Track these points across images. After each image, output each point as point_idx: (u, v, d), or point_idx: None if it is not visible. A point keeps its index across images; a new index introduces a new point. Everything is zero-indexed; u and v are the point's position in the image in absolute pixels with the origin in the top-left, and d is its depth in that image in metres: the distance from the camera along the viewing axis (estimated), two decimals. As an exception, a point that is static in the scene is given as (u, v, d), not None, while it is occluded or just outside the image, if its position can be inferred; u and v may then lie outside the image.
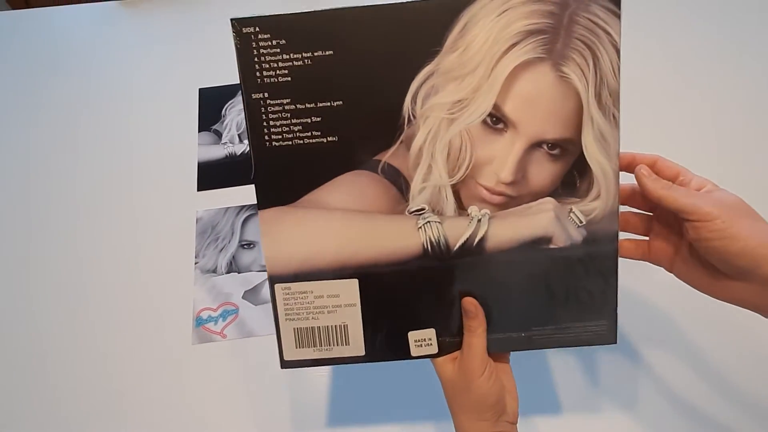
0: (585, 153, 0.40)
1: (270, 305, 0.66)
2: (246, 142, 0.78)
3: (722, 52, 0.81)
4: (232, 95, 0.82)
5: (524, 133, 0.40)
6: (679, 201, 0.39)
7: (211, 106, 0.81)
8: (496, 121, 0.40)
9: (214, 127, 0.79)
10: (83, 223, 0.73)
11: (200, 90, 0.83)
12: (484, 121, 0.40)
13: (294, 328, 0.44)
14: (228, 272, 0.68)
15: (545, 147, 0.41)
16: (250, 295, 0.67)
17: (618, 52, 0.38)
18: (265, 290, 0.67)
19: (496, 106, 0.39)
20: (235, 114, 0.80)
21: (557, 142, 0.40)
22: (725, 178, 0.44)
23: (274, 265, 0.43)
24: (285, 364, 0.46)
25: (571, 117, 0.39)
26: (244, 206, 0.73)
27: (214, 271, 0.68)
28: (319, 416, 0.60)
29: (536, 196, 0.42)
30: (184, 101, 0.82)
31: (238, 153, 0.77)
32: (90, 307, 0.67)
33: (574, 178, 0.42)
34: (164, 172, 0.76)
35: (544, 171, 0.41)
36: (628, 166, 0.43)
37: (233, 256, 0.69)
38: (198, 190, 0.74)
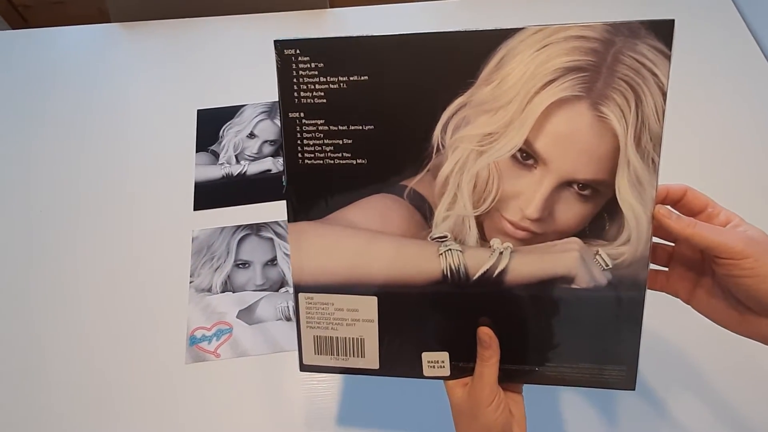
0: (618, 196, 0.39)
1: (264, 325, 0.66)
2: (243, 163, 0.79)
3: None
4: (230, 117, 0.83)
5: (555, 171, 0.39)
6: (707, 239, 0.38)
7: (208, 127, 0.82)
8: (527, 156, 0.40)
9: (211, 147, 0.81)
10: (79, 241, 0.73)
11: (198, 111, 0.84)
12: (514, 156, 0.40)
13: (314, 336, 0.46)
14: (222, 291, 0.69)
15: (576, 187, 0.40)
16: (245, 314, 0.67)
17: (664, 95, 0.37)
18: (259, 310, 0.67)
19: (527, 142, 0.39)
20: (232, 135, 0.81)
21: (589, 183, 0.40)
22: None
23: (300, 276, 0.45)
24: (303, 368, 0.47)
25: (607, 158, 0.39)
26: (239, 226, 0.73)
27: (209, 290, 0.69)
28: (311, 437, 0.60)
29: (562, 235, 0.41)
30: (182, 122, 0.83)
31: (235, 173, 0.78)
32: (83, 324, 0.67)
33: (603, 220, 0.41)
34: (161, 191, 0.77)
35: (571, 211, 0.41)
36: (663, 200, 0.43)
37: (228, 276, 0.70)
38: (194, 209, 0.75)
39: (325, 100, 0.41)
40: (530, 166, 0.40)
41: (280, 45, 0.41)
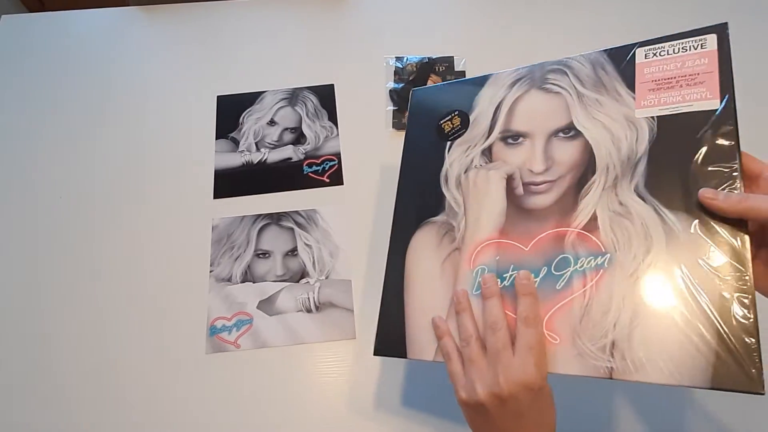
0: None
1: (284, 317, 0.65)
2: (263, 150, 0.78)
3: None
4: (250, 103, 0.82)
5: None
6: (759, 210, 0.37)
7: (228, 113, 0.81)
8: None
9: (231, 134, 0.79)
10: (97, 229, 0.72)
11: (218, 97, 0.83)
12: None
13: None
14: (243, 281, 0.68)
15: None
16: (265, 305, 0.66)
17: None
18: (280, 301, 0.66)
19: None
20: (252, 122, 0.80)
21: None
22: None
23: None
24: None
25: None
26: (260, 215, 0.72)
27: (229, 279, 0.68)
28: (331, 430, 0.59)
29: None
30: (202, 108, 0.82)
31: (255, 161, 0.77)
32: (102, 314, 0.67)
33: None
34: (181, 178, 0.76)
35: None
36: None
37: (248, 265, 0.69)
38: (214, 197, 0.74)
39: None
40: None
41: None
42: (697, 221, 0.40)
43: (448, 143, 0.54)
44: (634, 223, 0.43)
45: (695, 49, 0.44)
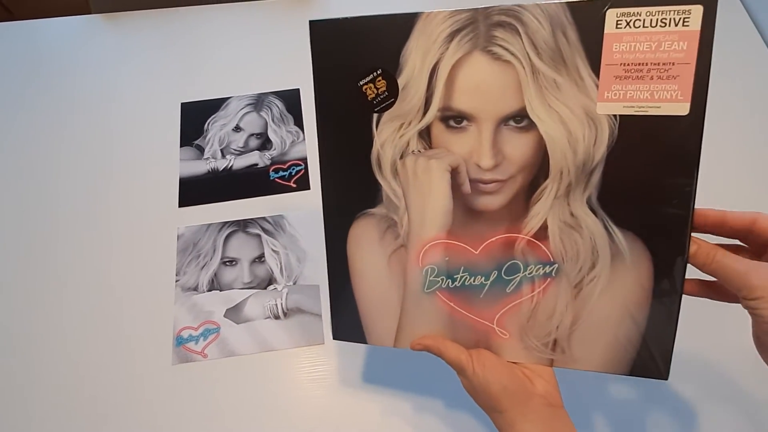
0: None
1: (252, 324, 0.64)
2: (228, 157, 0.77)
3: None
4: (215, 110, 0.81)
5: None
6: (725, 271, 0.38)
7: (193, 120, 0.80)
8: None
9: (196, 142, 0.78)
10: (59, 238, 0.71)
11: (182, 104, 0.82)
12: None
13: None
14: (209, 290, 0.67)
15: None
16: (232, 313, 0.66)
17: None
18: (247, 308, 0.66)
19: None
20: (217, 129, 0.79)
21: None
22: None
23: None
24: None
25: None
26: (226, 222, 0.72)
27: (195, 288, 0.67)
28: (301, 437, 0.59)
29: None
30: (166, 115, 0.81)
31: (221, 168, 0.76)
32: (66, 325, 0.65)
33: None
34: (145, 187, 0.75)
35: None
36: (720, 228, 0.41)
37: (215, 274, 0.68)
38: (179, 206, 0.73)
39: None
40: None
41: None
42: (641, 242, 0.41)
43: (375, 115, 0.44)
44: (583, 237, 0.42)
45: (675, 24, 0.37)
